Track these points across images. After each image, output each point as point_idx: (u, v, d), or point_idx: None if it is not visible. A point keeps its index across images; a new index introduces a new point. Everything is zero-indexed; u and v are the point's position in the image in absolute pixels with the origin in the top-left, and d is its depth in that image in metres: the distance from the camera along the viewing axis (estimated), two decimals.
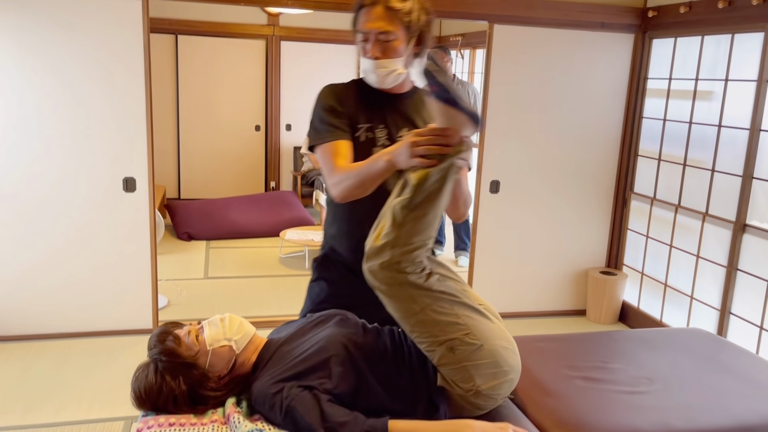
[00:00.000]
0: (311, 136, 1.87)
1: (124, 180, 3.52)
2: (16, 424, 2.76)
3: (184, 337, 1.64)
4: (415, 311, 1.56)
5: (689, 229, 3.72)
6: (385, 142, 1.85)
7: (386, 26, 1.73)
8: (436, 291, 1.56)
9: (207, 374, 1.62)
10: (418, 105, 1.90)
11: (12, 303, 3.52)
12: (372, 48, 1.76)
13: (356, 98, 1.87)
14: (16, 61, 3.29)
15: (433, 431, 1.51)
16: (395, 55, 1.77)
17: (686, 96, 3.76)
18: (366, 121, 1.86)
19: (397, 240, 1.51)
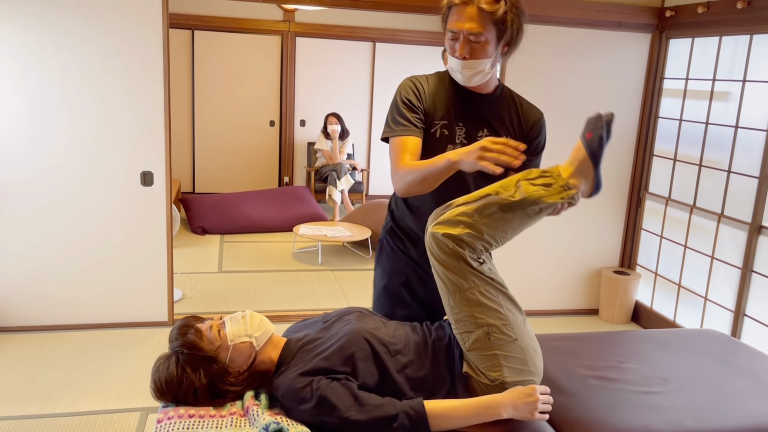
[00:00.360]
0: (385, 128, 1.90)
1: (142, 174, 3.56)
2: (34, 413, 2.81)
3: (206, 331, 1.67)
4: (463, 287, 1.61)
5: (704, 230, 3.71)
6: (464, 140, 1.87)
7: (477, 27, 1.71)
8: (486, 276, 1.63)
9: (227, 369, 1.65)
10: (500, 107, 1.91)
11: (31, 294, 3.57)
12: (461, 47, 1.75)
13: (438, 93, 1.88)
14: (38, 57, 3.34)
15: (467, 409, 1.56)
16: (484, 56, 1.76)
17: (703, 96, 3.74)
18: (444, 117, 1.87)
19: (473, 225, 1.59)
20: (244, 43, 6.91)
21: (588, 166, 1.65)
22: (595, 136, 1.63)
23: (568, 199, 1.64)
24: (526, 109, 1.95)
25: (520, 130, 1.92)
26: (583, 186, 1.67)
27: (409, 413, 1.52)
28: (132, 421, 2.78)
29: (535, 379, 1.69)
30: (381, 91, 7.33)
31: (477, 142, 1.64)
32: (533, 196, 1.62)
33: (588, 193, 1.69)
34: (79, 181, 3.51)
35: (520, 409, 1.57)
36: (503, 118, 1.90)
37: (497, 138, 1.60)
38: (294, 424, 1.56)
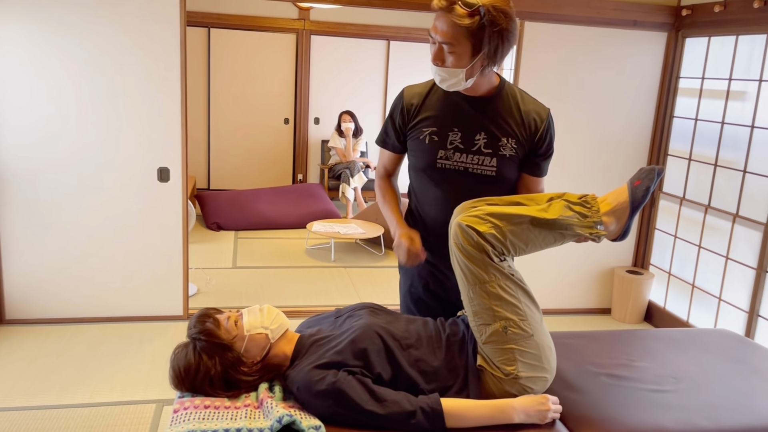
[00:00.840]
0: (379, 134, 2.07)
1: (159, 170, 3.60)
2: (53, 403, 2.87)
3: (224, 321, 1.70)
4: (483, 280, 1.63)
5: (719, 230, 3.69)
6: (458, 145, 1.88)
7: (449, 38, 1.69)
8: (506, 271, 1.65)
9: (241, 358, 1.68)
10: (499, 108, 1.87)
11: (50, 288, 3.63)
12: (435, 53, 1.75)
13: (431, 99, 1.90)
14: (59, 55, 3.39)
15: (481, 410, 1.59)
16: (457, 65, 1.73)
17: (719, 96, 3.72)
18: (435, 124, 1.88)
19: (500, 228, 1.61)
20: (259, 41, 6.95)
21: (625, 211, 1.69)
22: (642, 186, 1.68)
23: (595, 237, 1.68)
24: (529, 108, 1.89)
25: (523, 130, 1.88)
26: (613, 227, 1.71)
27: (425, 410, 1.55)
28: (148, 413, 2.83)
29: (548, 376, 1.70)
30: (395, 89, 7.35)
31: (400, 235, 1.89)
32: (566, 221, 1.65)
33: (615, 235, 1.73)
34: (97, 177, 3.56)
35: (532, 416, 1.62)
36: (502, 120, 1.86)
37: (409, 245, 1.86)
38: (307, 417, 1.58)
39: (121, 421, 2.75)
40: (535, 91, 3.88)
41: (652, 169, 1.69)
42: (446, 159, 1.88)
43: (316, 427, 1.55)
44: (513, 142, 1.87)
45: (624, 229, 1.72)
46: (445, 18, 1.68)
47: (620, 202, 1.69)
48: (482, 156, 1.87)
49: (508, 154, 1.87)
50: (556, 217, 1.64)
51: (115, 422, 2.74)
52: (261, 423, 1.56)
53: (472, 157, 1.87)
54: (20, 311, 3.64)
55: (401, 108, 1.93)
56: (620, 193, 1.71)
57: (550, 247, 1.69)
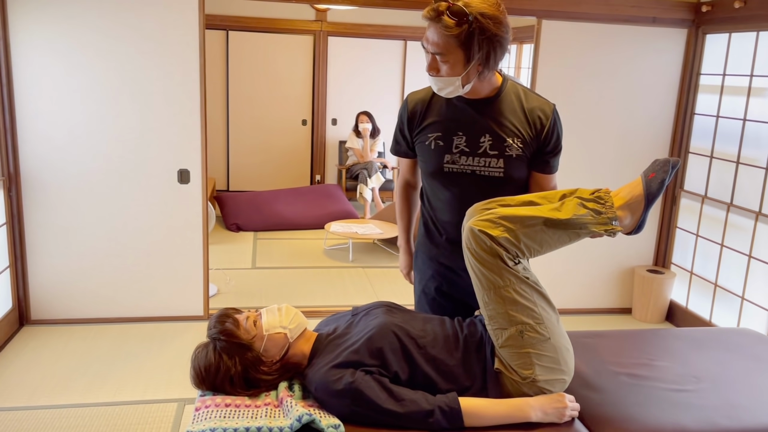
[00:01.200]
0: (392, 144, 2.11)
1: (179, 172, 3.65)
2: (78, 402, 2.92)
3: (243, 321, 1.72)
4: (498, 285, 1.62)
5: (741, 228, 3.65)
6: (464, 149, 1.88)
7: (440, 48, 1.70)
8: (521, 275, 1.63)
9: (261, 357, 1.70)
10: (501, 109, 1.87)
11: (74, 289, 3.70)
12: (429, 64, 1.76)
13: (434, 104, 1.92)
14: (80, 59, 3.45)
15: (499, 408, 1.60)
16: (452, 74, 1.74)
17: (740, 92, 3.67)
18: (439, 129, 1.90)
19: (513, 231, 1.60)
20: (277, 43, 7.00)
21: (639, 204, 1.67)
22: (657, 178, 1.65)
23: (610, 233, 1.66)
24: (533, 105, 1.88)
25: (528, 129, 1.87)
26: (628, 221, 1.68)
27: (443, 409, 1.55)
28: (170, 411, 2.86)
29: (566, 378, 1.70)
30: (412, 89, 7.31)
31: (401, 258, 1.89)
32: (580, 220, 1.63)
33: (629, 229, 1.70)
34: (119, 179, 3.61)
35: (549, 414, 1.62)
36: (505, 120, 1.86)
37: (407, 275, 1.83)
38: (326, 416, 1.59)
39: (144, 419, 2.79)
40: (554, 89, 3.88)
41: (667, 160, 1.66)
42: (453, 163, 1.89)
43: (335, 426, 1.56)
44: (518, 142, 1.86)
45: (639, 223, 1.69)
46: (435, 28, 1.68)
47: (635, 196, 1.67)
48: (488, 158, 1.87)
49: (514, 155, 1.87)
50: (570, 216, 1.62)
51: (138, 421, 2.78)
52: (281, 422, 1.57)
53: (479, 160, 1.87)
54: (45, 312, 3.70)
55: (406, 116, 1.97)
56: (635, 186, 1.69)
57: (564, 245, 1.67)
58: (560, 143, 1.92)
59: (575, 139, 3.95)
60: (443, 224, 2.00)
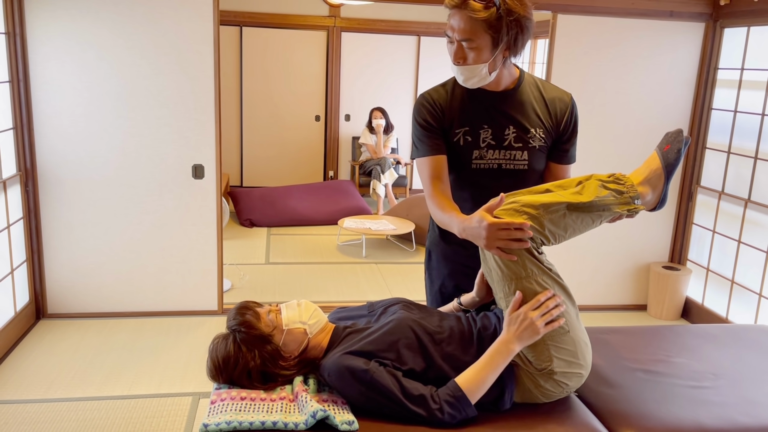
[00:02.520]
0: (411, 148, 1.96)
1: (194, 167, 3.66)
2: (94, 395, 2.95)
3: (264, 314, 1.72)
4: (520, 275, 1.61)
5: (759, 225, 3.60)
6: (490, 142, 1.85)
7: (468, 34, 1.68)
8: (544, 265, 1.63)
9: (280, 351, 1.70)
10: (523, 100, 1.86)
11: (90, 283, 3.73)
12: (455, 53, 1.74)
13: (455, 100, 1.87)
14: (96, 54, 3.47)
15: (488, 366, 1.60)
16: (479, 61, 1.72)
17: (759, 87, 3.63)
18: (465, 124, 1.86)
19: (537, 218, 1.58)
20: (290, 38, 7.00)
21: (659, 178, 1.67)
22: (673, 149, 1.65)
23: (633, 213, 1.65)
24: (553, 95, 1.89)
25: (549, 118, 1.88)
26: (650, 197, 1.68)
27: (450, 402, 1.56)
28: (184, 405, 2.88)
29: (583, 372, 1.69)
30: (425, 85, 7.33)
31: (479, 224, 1.57)
32: (603, 201, 1.61)
33: (652, 205, 1.70)
34: (134, 174, 3.64)
35: (524, 338, 1.59)
36: (528, 111, 1.86)
37: (499, 222, 1.55)
38: (341, 412, 1.60)
39: (159, 413, 2.81)
40: (569, 84, 3.85)
41: (679, 131, 1.66)
42: (480, 158, 1.87)
43: (349, 422, 1.56)
44: (541, 132, 1.87)
45: (661, 197, 1.69)
46: (461, 14, 1.67)
47: (653, 170, 1.67)
48: (513, 150, 1.86)
49: (537, 146, 1.87)
50: (592, 198, 1.60)
51: (153, 414, 2.80)
52: (296, 417, 1.58)
53: (504, 153, 1.86)
54: (61, 306, 3.74)
55: (431, 109, 1.87)
56: (651, 160, 1.68)
57: (588, 230, 1.66)
58: (577, 132, 1.93)
59: (591, 133, 3.92)
60: None
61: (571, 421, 1.65)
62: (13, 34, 3.34)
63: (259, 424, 1.55)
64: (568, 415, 1.68)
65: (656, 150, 1.69)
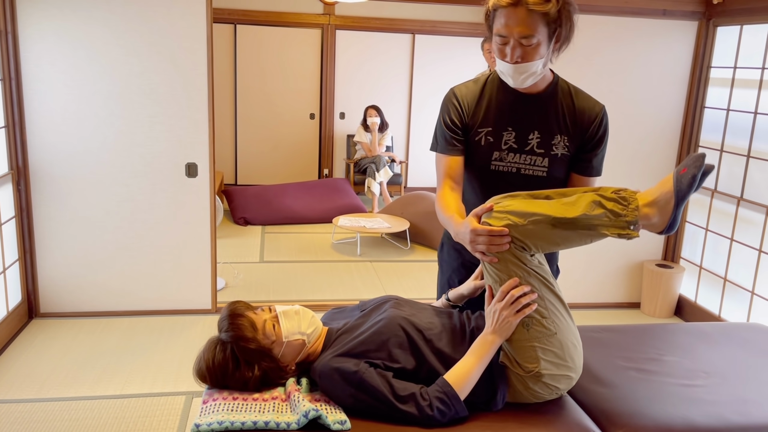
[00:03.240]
0: (432, 139, 1.95)
1: (187, 165, 3.65)
2: (87, 394, 2.94)
3: (261, 324, 1.68)
4: (504, 280, 1.61)
5: (751, 223, 3.62)
6: (512, 145, 1.81)
7: (528, 30, 1.64)
8: (531, 268, 1.61)
9: (278, 362, 1.68)
10: (552, 106, 1.82)
11: (82, 282, 3.72)
12: (512, 52, 1.68)
13: (484, 98, 1.84)
14: (88, 52, 3.46)
15: (474, 361, 1.61)
16: (537, 57, 1.69)
17: (751, 85, 3.64)
18: (490, 124, 1.83)
19: (516, 226, 1.56)
20: (284, 36, 6.99)
21: (669, 201, 1.56)
22: (688, 173, 1.55)
23: (625, 237, 1.55)
24: (583, 105, 1.82)
25: (575, 127, 1.81)
26: (655, 219, 1.57)
27: (440, 397, 1.56)
28: (178, 404, 2.87)
29: (572, 374, 1.68)
30: (420, 83, 7.33)
31: (465, 229, 1.61)
32: (591, 221, 1.53)
33: (659, 228, 1.59)
34: (127, 172, 3.62)
35: (503, 328, 1.61)
36: (555, 117, 1.81)
37: (480, 228, 1.57)
38: (333, 411, 1.60)
39: (152, 412, 2.81)
40: None
41: (700, 155, 1.57)
42: (500, 160, 1.83)
43: (341, 421, 1.56)
44: (566, 140, 1.81)
45: (670, 221, 1.58)
46: (517, 12, 1.62)
47: (664, 192, 1.56)
48: (534, 156, 1.81)
49: (560, 153, 1.81)
50: (578, 215, 1.53)
51: (146, 413, 2.79)
52: (288, 417, 1.57)
53: (525, 157, 1.82)
54: (54, 305, 3.73)
55: (458, 107, 1.85)
56: (665, 182, 1.59)
57: (576, 245, 1.60)
58: (603, 144, 1.84)
59: None
60: None
61: (563, 420, 1.66)
62: (5, 32, 3.32)
63: (251, 424, 1.55)
64: (561, 414, 1.68)
65: (673, 172, 1.60)
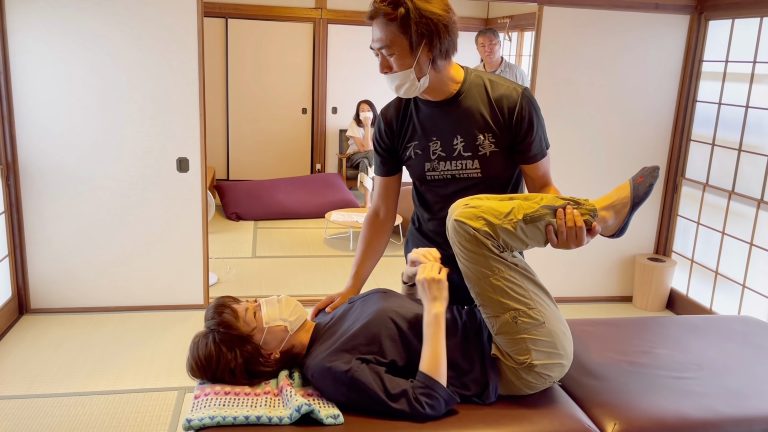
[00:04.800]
0: None
1: (178, 160, 3.63)
2: (79, 390, 2.92)
3: (243, 312, 1.71)
4: (486, 275, 1.61)
5: (743, 216, 3.63)
6: (440, 154, 1.84)
7: (384, 41, 1.67)
8: (509, 261, 1.62)
9: (260, 350, 1.69)
10: (468, 106, 1.80)
11: (73, 278, 3.69)
12: (380, 63, 1.73)
13: (405, 114, 1.90)
14: (78, 46, 3.43)
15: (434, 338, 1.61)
16: (402, 67, 1.70)
17: (743, 79, 3.65)
18: (415, 138, 1.87)
19: (492, 225, 1.59)
20: (276, 31, 6.95)
21: (625, 207, 1.68)
22: (645, 182, 1.66)
23: (587, 223, 1.63)
24: (499, 94, 1.79)
25: (497, 121, 1.79)
26: (611, 222, 1.68)
27: (426, 392, 1.55)
28: (170, 400, 2.87)
29: (564, 362, 1.69)
30: None
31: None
32: (533, 215, 1.60)
33: (611, 231, 1.71)
34: (118, 167, 3.60)
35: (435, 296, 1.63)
36: (474, 117, 1.79)
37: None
38: (325, 406, 1.59)
39: (144, 407, 2.80)
40: (555, 76, 3.85)
41: (656, 167, 1.69)
42: (433, 170, 1.86)
43: (334, 416, 1.56)
44: (490, 137, 1.79)
45: (622, 225, 1.70)
46: (377, 24, 1.68)
47: (621, 198, 1.68)
48: (464, 160, 1.82)
49: (488, 152, 1.80)
50: (545, 204, 1.61)
51: (138, 409, 2.78)
52: (280, 411, 1.57)
53: (455, 163, 1.83)
54: (45, 301, 3.70)
55: (383, 128, 1.94)
56: (622, 188, 1.69)
57: (543, 244, 1.65)
58: (534, 128, 1.79)
59: (576, 126, 3.93)
60: (429, 219, 1.97)
61: (555, 413, 1.66)
62: None
63: (243, 419, 1.54)
64: (553, 407, 1.68)
65: (630, 180, 1.71)
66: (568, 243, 1.63)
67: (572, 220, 1.61)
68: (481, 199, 1.65)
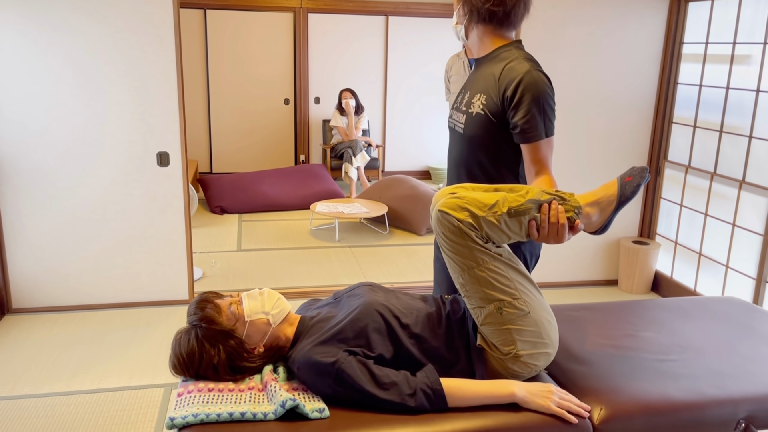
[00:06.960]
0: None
1: (158, 154, 3.58)
2: (63, 390, 2.89)
3: (224, 307, 1.69)
4: (470, 266, 1.60)
5: (725, 197, 3.65)
6: (456, 104, 2.04)
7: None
8: (493, 252, 1.62)
9: (243, 344, 1.67)
10: (483, 71, 1.93)
11: (55, 276, 3.64)
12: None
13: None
14: (52, 38, 3.36)
15: (480, 389, 1.58)
16: (457, 22, 2.00)
17: (723, 60, 3.66)
18: (457, 90, 2.14)
19: (476, 217, 1.58)
20: (256, 21, 6.88)
21: (610, 205, 1.68)
22: (633, 182, 1.66)
23: (570, 220, 1.62)
24: (511, 65, 1.85)
25: (495, 89, 1.85)
26: (595, 218, 1.68)
27: (426, 391, 1.54)
28: (156, 397, 2.84)
29: (550, 351, 1.69)
30: (395, 65, 7.27)
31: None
32: (519, 209, 1.59)
33: (595, 227, 1.71)
34: (97, 163, 3.54)
35: (535, 395, 1.58)
36: (485, 79, 1.91)
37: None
38: (311, 400, 1.58)
39: (130, 405, 2.77)
40: None
41: (644, 168, 1.69)
42: (450, 117, 2.08)
43: (319, 410, 1.55)
44: (483, 98, 1.89)
45: (605, 223, 1.70)
46: None
47: (608, 195, 1.68)
48: (461, 114, 1.99)
49: (474, 112, 1.91)
50: (530, 197, 1.60)
51: (124, 407, 2.76)
52: (265, 407, 1.55)
53: (457, 115, 2.02)
54: (26, 300, 3.65)
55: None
56: (608, 186, 1.70)
57: (518, 238, 1.63)
58: (523, 105, 1.80)
59: (558, 112, 3.92)
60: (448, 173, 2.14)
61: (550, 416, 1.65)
62: None
63: (227, 416, 1.52)
64: None
65: (617, 178, 1.70)
66: (549, 238, 1.63)
67: (556, 217, 1.60)
68: (467, 189, 1.64)
